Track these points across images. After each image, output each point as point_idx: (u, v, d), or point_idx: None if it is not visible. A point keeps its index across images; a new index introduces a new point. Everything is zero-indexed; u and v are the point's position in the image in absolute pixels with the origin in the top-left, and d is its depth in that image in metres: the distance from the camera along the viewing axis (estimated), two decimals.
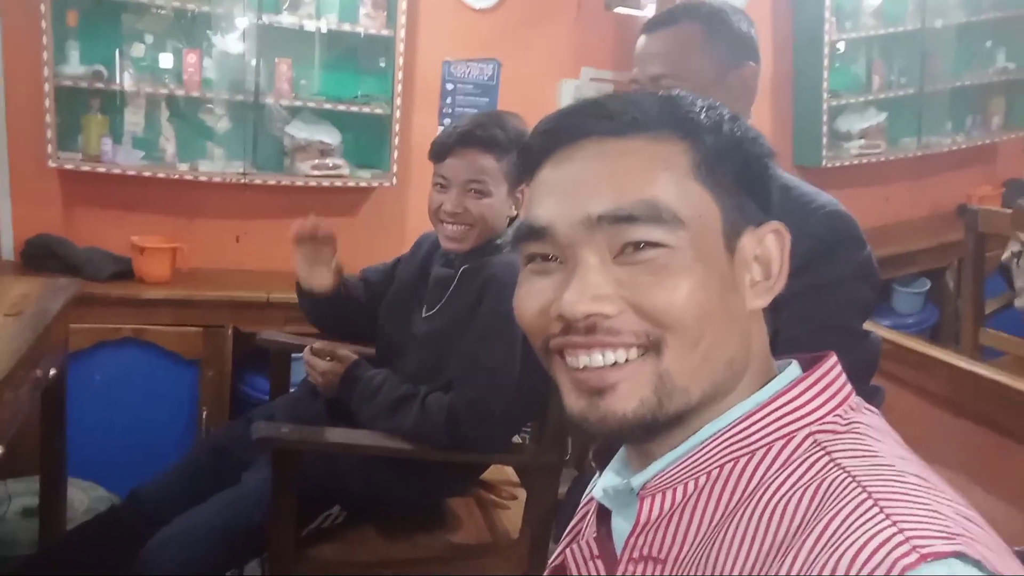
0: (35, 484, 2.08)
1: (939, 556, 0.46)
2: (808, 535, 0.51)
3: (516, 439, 1.77)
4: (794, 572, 0.50)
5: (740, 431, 0.59)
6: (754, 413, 0.60)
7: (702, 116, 0.63)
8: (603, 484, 0.67)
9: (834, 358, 0.64)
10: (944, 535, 0.48)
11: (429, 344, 1.63)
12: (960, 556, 0.47)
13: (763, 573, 0.53)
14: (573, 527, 0.75)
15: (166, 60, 2.56)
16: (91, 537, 1.72)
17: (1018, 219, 2.36)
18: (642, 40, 1.31)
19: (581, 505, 0.76)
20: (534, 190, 0.65)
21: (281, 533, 1.51)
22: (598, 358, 0.60)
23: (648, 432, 0.61)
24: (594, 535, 0.68)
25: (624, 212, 0.59)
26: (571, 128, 0.63)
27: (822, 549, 0.49)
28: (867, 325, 1.28)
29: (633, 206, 0.59)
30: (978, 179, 3.92)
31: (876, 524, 0.49)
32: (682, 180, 0.60)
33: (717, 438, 0.60)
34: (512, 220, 1.68)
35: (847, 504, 0.51)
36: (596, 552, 0.66)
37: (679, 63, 1.25)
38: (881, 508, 0.50)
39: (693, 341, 0.59)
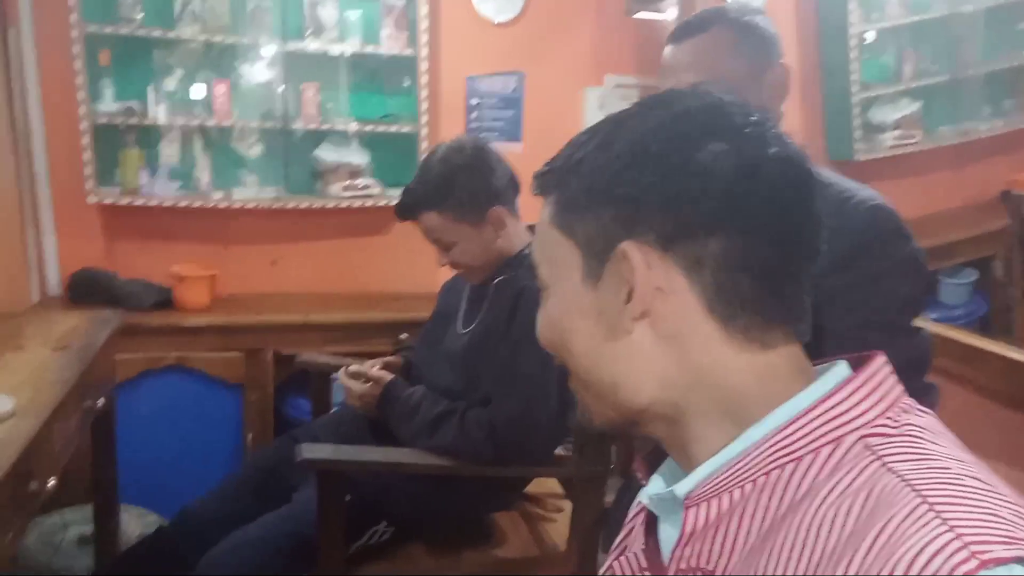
0: (89, 512, 2.13)
1: (1000, 562, 0.45)
2: (861, 543, 0.49)
3: (560, 450, 1.76)
4: None
5: (786, 436, 0.57)
6: (800, 417, 0.57)
7: (560, 162, 0.65)
8: (650, 490, 0.67)
9: (883, 357, 0.61)
10: (1004, 540, 0.46)
11: (466, 360, 1.64)
12: (1022, 561, 0.45)
13: None
14: (622, 539, 0.74)
15: (197, 92, 2.62)
16: (142, 557, 1.75)
17: None
18: (670, 50, 1.30)
19: (629, 517, 0.75)
20: None
21: (330, 550, 1.52)
22: None
23: (669, 444, 0.64)
24: (642, 546, 0.67)
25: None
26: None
27: (876, 557, 0.48)
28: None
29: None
30: (1020, 164, 3.82)
31: (932, 530, 0.47)
32: (545, 230, 0.66)
33: (762, 444, 0.58)
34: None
35: (900, 510, 0.49)
36: (644, 564, 0.66)
37: (714, 69, 1.23)
38: (937, 513, 0.48)
39: (570, 365, 0.66)
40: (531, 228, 1.65)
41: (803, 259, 0.63)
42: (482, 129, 2.99)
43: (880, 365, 0.61)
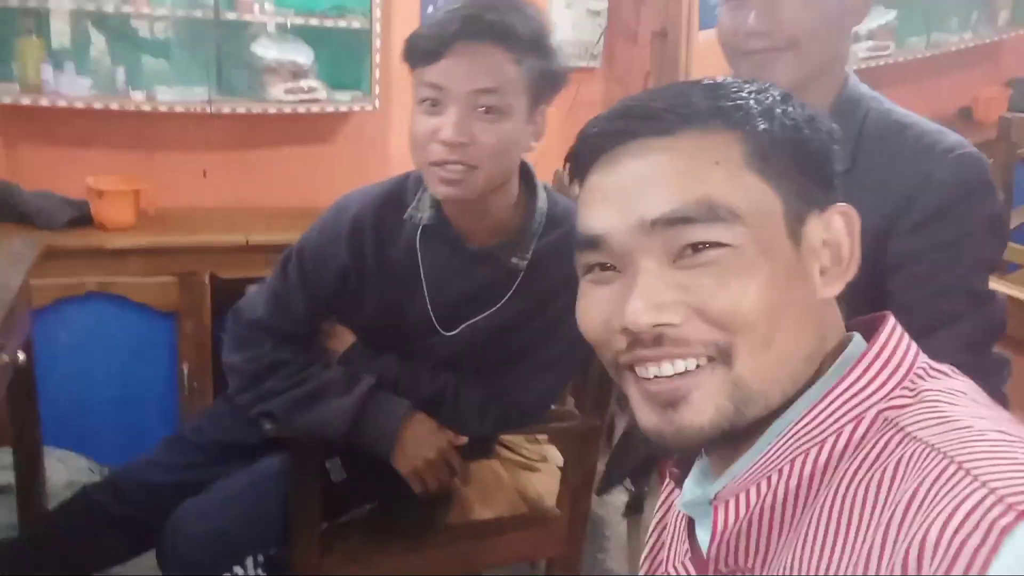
0: (7, 456, 1.89)
1: None
2: (895, 511, 0.49)
3: None
4: (886, 551, 0.48)
5: (807, 423, 0.57)
6: (819, 403, 0.57)
7: (751, 102, 0.60)
8: (685, 496, 0.66)
9: (891, 321, 0.60)
10: None
11: (464, 362, 1.36)
12: None
13: (852, 559, 0.51)
14: (653, 546, 0.74)
15: None
16: (76, 515, 1.50)
17: None
18: None
19: (656, 524, 0.75)
20: (584, 197, 0.63)
21: (302, 532, 1.34)
22: (667, 367, 0.58)
23: (728, 441, 0.60)
24: (688, 554, 0.66)
25: (679, 214, 0.57)
26: (617, 132, 0.61)
27: (911, 523, 0.47)
28: None
29: (688, 207, 0.57)
30: (982, 80, 3.75)
31: (964, 488, 0.47)
32: (736, 173, 0.58)
33: (785, 434, 0.58)
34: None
35: (930, 473, 0.49)
36: (692, 571, 0.65)
37: None
38: (967, 471, 0.47)
39: (765, 343, 0.57)
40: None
41: None
42: None
43: (891, 331, 0.60)
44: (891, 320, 0.61)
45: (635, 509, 1.84)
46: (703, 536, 0.64)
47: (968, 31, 3.55)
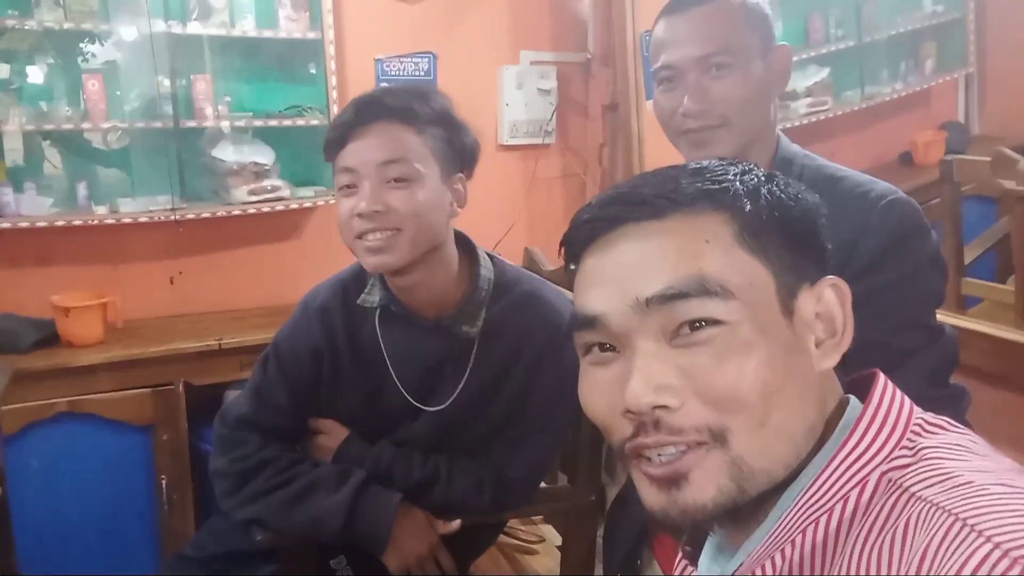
0: None
1: None
2: (908, 573, 0.50)
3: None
4: None
5: (815, 492, 0.58)
6: (824, 471, 0.58)
7: (737, 183, 0.62)
8: (702, 573, 0.67)
9: (882, 379, 0.62)
10: None
11: (449, 439, 1.36)
12: None
13: None
14: None
15: (65, 89, 2.24)
16: None
17: (999, 165, 2.31)
18: (670, 22, 1.19)
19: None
20: (580, 280, 0.65)
21: None
22: (669, 450, 0.59)
23: (736, 515, 0.61)
24: None
25: (673, 290, 0.58)
26: (609, 218, 0.63)
27: None
28: None
29: (681, 282, 0.58)
30: (917, 125, 3.93)
31: (969, 544, 0.48)
32: (728, 250, 0.60)
33: (795, 506, 0.59)
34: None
35: (936, 532, 0.50)
36: None
37: (724, 41, 1.14)
38: (972, 527, 0.49)
39: (760, 422, 0.58)
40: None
41: None
42: None
43: (883, 391, 0.61)
44: (881, 378, 0.62)
45: None
46: None
47: (899, 81, 3.73)
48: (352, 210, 1.22)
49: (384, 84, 2.73)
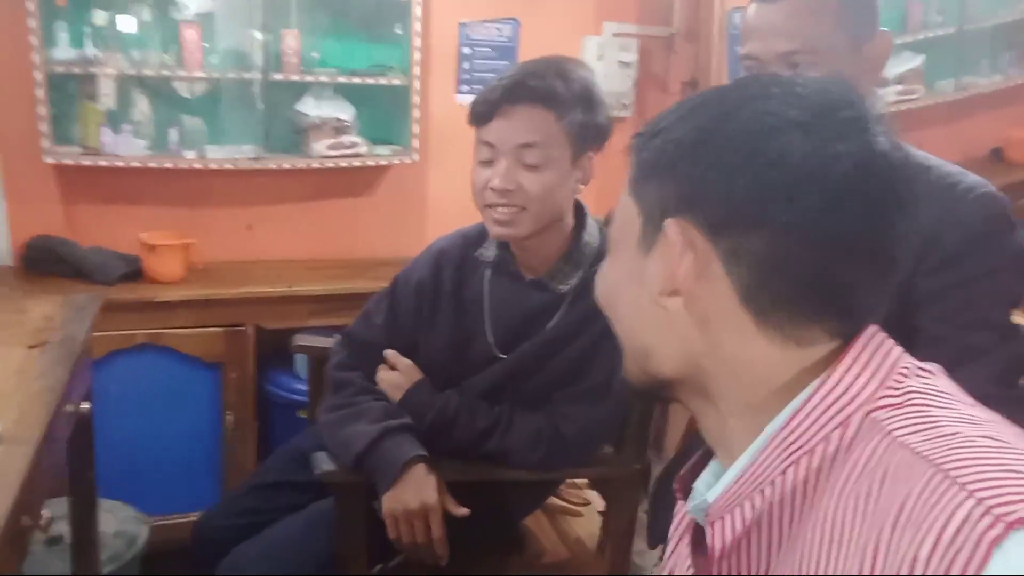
0: (57, 507, 1.93)
1: None
2: (884, 524, 0.49)
3: None
4: (878, 565, 0.48)
5: (793, 430, 0.57)
6: (801, 408, 0.57)
7: (663, 123, 0.65)
8: (695, 499, 0.67)
9: (871, 328, 0.60)
10: None
11: (514, 390, 1.42)
12: None
13: (849, 573, 0.51)
14: (669, 557, 0.74)
15: (161, 36, 2.33)
16: None
17: None
18: (759, 9, 1.15)
19: (672, 531, 0.75)
20: None
21: (351, 571, 1.36)
22: None
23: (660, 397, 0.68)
24: (689, 567, 0.68)
25: None
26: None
27: (901, 537, 0.48)
28: None
29: None
30: (1013, 121, 3.75)
31: (952, 499, 0.47)
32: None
33: (772, 443, 0.58)
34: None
35: (916, 483, 0.49)
36: None
37: (816, 38, 1.10)
38: (954, 480, 0.48)
39: (613, 320, 0.69)
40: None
41: (867, 266, 0.59)
42: (474, 81, 2.77)
43: (870, 336, 0.60)
44: (872, 327, 0.61)
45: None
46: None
47: (998, 74, 3.56)
48: (487, 182, 1.33)
49: (467, 49, 2.76)
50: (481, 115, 1.34)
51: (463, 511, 1.35)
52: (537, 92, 1.29)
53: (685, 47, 2.91)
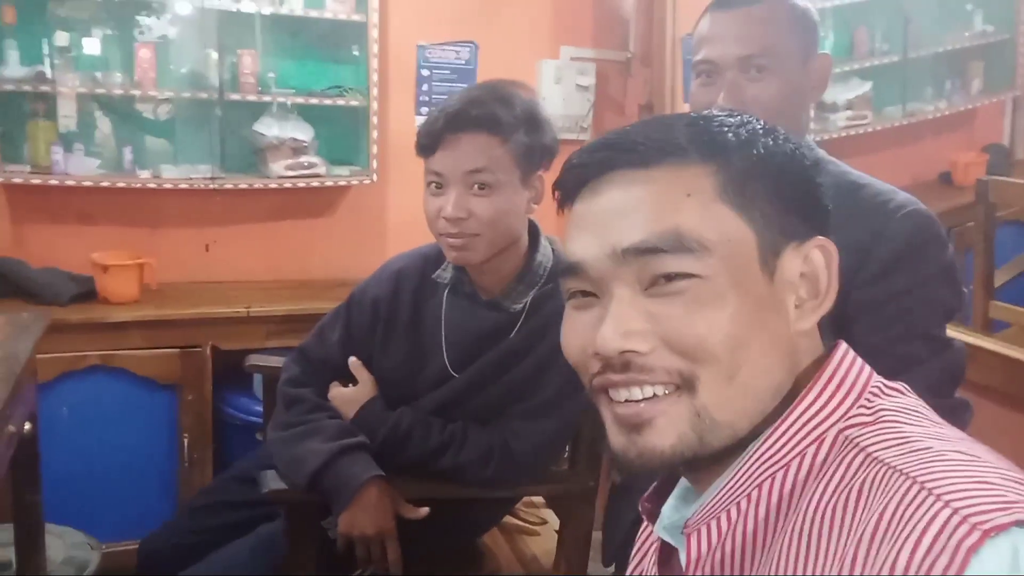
0: (6, 533, 1.88)
1: (1001, 528, 0.46)
2: (862, 535, 0.50)
3: None
4: (856, 573, 0.49)
5: (770, 447, 0.58)
6: (779, 426, 0.59)
7: (730, 135, 0.62)
8: (663, 522, 0.67)
9: (843, 346, 0.62)
10: (1000, 505, 0.47)
11: (465, 408, 1.43)
12: (1021, 523, 0.46)
13: None
14: (634, 567, 0.74)
15: (119, 58, 2.32)
16: None
17: None
18: (714, 18, 1.20)
19: (636, 552, 0.74)
20: (568, 225, 0.65)
21: None
22: (637, 392, 0.59)
23: (692, 467, 0.62)
24: None
25: (648, 244, 0.59)
26: (599, 163, 0.62)
27: (880, 547, 0.48)
28: None
29: (657, 237, 0.58)
30: (959, 145, 3.87)
31: (929, 508, 0.48)
32: (708, 205, 0.59)
33: (750, 459, 0.59)
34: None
35: (895, 495, 0.50)
36: None
37: (772, 42, 1.15)
38: (930, 491, 0.49)
39: (728, 375, 0.58)
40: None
41: None
42: (433, 103, 2.79)
43: (843, 354, 0.62)
44: (843, 345, 0.62)
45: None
46: (684, 558, 0.64)
47: (943, 100, 3.69)
48: (439, 211, 1.35)
49: (425, 71, 2.79)
50: (426, 147, 1.36)
51: (422, 512, 1.35)
52: (479, 119, 1.32)
53: (641, 71, 2.96)
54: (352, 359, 1.47)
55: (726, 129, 0.62)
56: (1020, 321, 2.40)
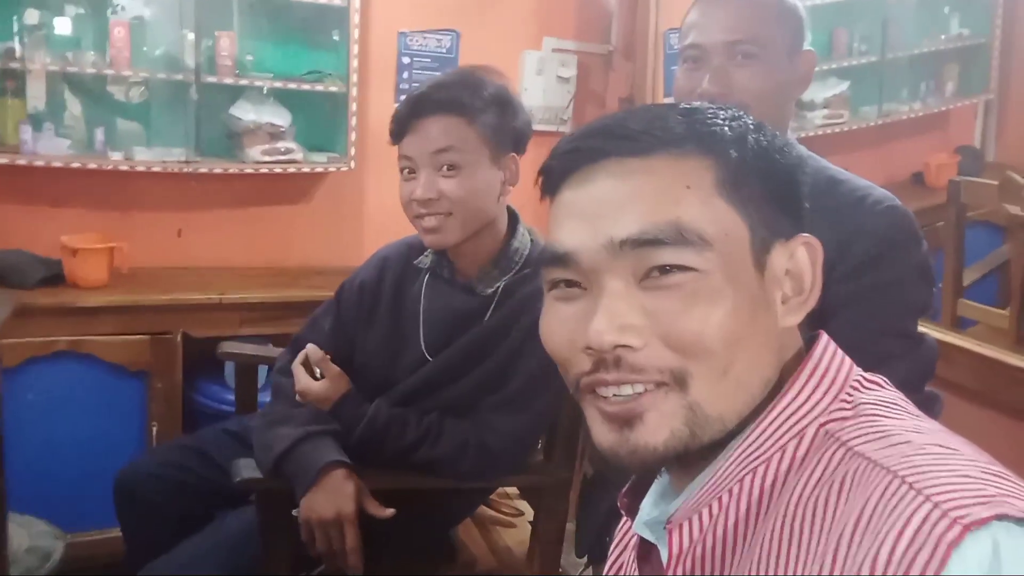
0: None
1: (981, 522, 0.46)
2: (844, 529, 0.50)
3: None
4: (837, 567, 0.49)
5: (752, 442, 0.58)
6: (761, 421, 0.58)
7: (726, 128, 0.61)
8: (643, 518, 0.66)
9: (824, 339, 0.62)
10: (980, 499, 0.47)
11: (438, 394, 1.43)
12: (1001, 517, 0.46)
13: (809, 574, 0.51)
14: (613, 562, 0.73)
15: (92, 38, 2.27)
16: None
17: (1006, 190, 2.32)
18: (705, 6, 1.20)
19: (614, 549, 0.74)
20: (555, 213, 0.62)
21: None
22: (626, 389, 0.58)
23: (683, 462, 0.61)
24: None
25: (648, 236, 0.57)
26: (592, 150, 0.60)
27: (862, 540, 0.48)
28: None
29: (658, 229, 0.57)
30: (932, 147, 3.92)
31: (909, 503, 0.48)
32: (707, 199, 0.58)
33: (733, 454, 0.59)
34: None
35: (875, 489, 0.50)
36: None
37: (760, 30, 1.16)
38: (910, 485, 0.49)
39: (722, 369, 0.57)
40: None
41: None
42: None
43: (824, 348, 0.62)
44: (824, 337, 0.62)
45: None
46: (664, 555, 0.63)
47: (918, 101, 3.73)
48: (411, 194, 1.37)
49: (406, 58, 2.76)
50: (396, 133, 1.39)
51: (387, 512, 1.33)
52: (442, 103, 1.35)
53: (623, 64, 2.96)
54: (310, 346, 1.44)
55: (720, 122, 0.61)
56: (987, 319, 2.45)
